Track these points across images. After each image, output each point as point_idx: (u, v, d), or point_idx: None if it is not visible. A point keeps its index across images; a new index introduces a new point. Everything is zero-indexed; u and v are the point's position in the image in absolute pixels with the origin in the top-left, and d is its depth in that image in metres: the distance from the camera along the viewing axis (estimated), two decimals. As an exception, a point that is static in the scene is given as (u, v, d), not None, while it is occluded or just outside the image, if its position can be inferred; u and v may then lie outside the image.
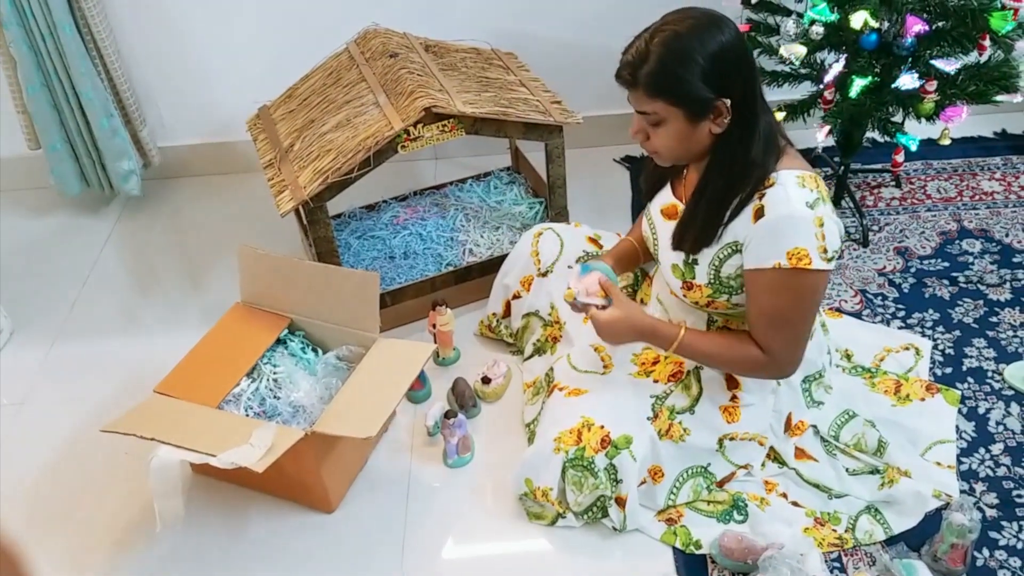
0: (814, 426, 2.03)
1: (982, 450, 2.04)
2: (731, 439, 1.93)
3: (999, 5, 2.25)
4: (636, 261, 2.09)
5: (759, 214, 1.67)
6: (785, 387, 1.96)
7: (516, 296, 2.28)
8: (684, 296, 1.87)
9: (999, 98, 2.37)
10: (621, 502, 1.87)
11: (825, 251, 1.66)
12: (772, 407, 1.96)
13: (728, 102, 1.62)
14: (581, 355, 2.08)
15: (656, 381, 1.96)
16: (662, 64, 1.60)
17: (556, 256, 2.22)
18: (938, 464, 2.00)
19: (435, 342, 2.32)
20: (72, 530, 2.03)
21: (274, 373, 2.14)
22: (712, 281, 1.79)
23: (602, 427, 1.85)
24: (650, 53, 1.61)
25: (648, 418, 1.89)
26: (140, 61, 2.90)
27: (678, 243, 1.80)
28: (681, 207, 1.83)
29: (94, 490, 2.11)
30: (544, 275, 2.22)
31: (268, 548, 1.96)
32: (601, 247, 2.24)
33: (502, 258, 2.34)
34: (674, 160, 1.77)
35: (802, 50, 2.35)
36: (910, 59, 2.33)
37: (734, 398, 1.92)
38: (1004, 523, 1.88)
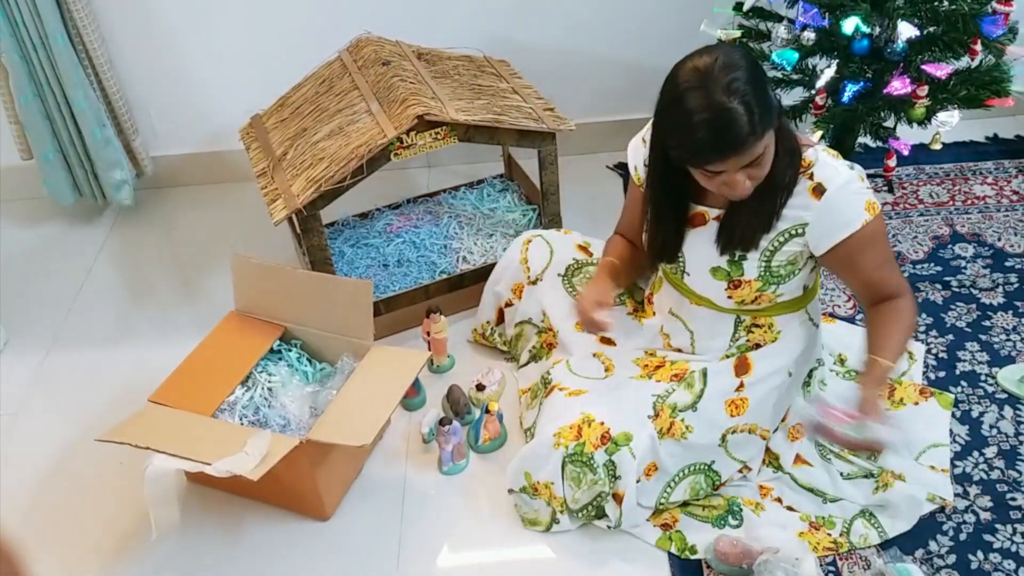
0: (809, 429, 2.03)
1: (976, 453, 2.04)
2: (733, 432, 1.93)
3: (990, 10, 2.26)
4: (621, 281, 2.07)
5: (819, 190, 1.73)
6: (791, 377, 1.97)
7: (508, 304, 2.28)
8: (729, 296, 1.87)
9: (990, 103, 2.38)
10: (618, 498, 1.87)
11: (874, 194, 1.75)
12: (777, 397, 1.96)
13: None
14: (581, 362, 2.08)
15: (658, 382, 1.96)
16: (758, 101, 1.56)
17: (546, 264, 2.22)
18: (932, 468, 2.00)
19: (429, 349, 2.32)
20: (67, 539, 2.02)
21: (269, 382, 2.14)
22: (763, 273, 1.81)
23: (602, 423, 1.85)
24: (743, 104, 1.54)
25: (649, 416, 1.89)
26: (132, 71, 2.90)
27: (727, 245, 1.81)
28: (710, 212, 1.84)
29: (90, 499, 2.11)
30: (534, 283, 2.23)
31: (263, 556, 1.96)
32: (591, 255, 2.23)
33: (495, 265, 2.34)
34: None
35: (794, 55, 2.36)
36: (901, 64, 2.34)
37: (740, 386, 1.93)
38: (998, 526, 1.89)
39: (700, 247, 1.86)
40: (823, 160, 1.74)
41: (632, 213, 2.02)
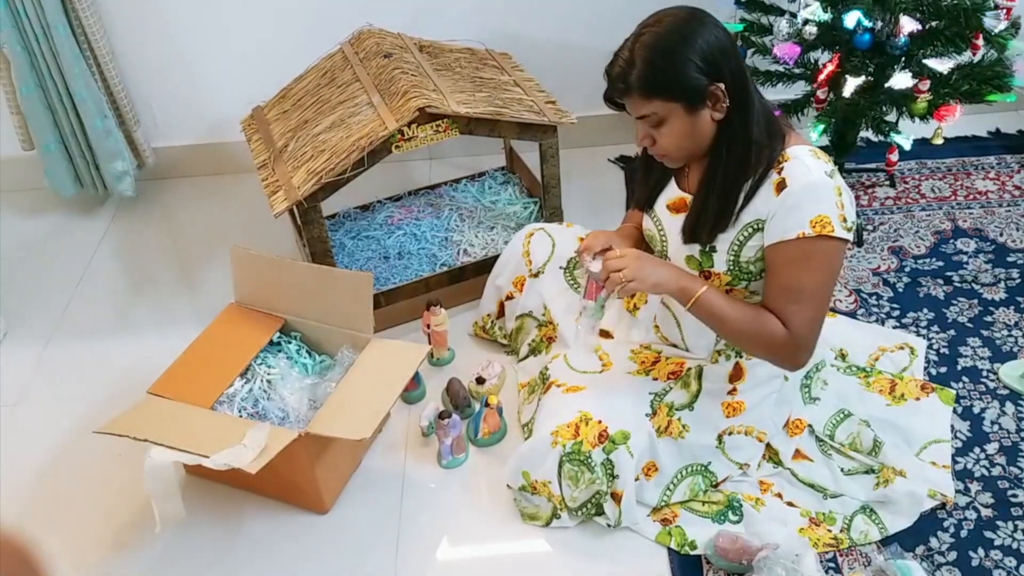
0: (810, 426, 2.03)
1: (977, 449, 2.04)
2: (730, 434, 1.93)
3: (992, 4, 2.25)
4: (639, 246, 2.04)
5: (781, 186, 1.68)
6: (788, 382, 1.96)
7: (509, 297, 2.28)
8: None
9: (992, 97, 2.37)
10: (617, 497, 1.86)
11: (845, 220, 1.67)
12: (775, 401, 1.96)
13: (722, 86, 1.64)
14: (578, 356, 2.08)
15: (655, 379, 1.96)
16: (650, 64, 1.63)
17: (548, 257, 2.21)
18: (933, 464, 2.00)
19: (429, 342, 2.31)
20: (67, 532, 2.02)
21: (268, 374, 2.13)
22: (732, 267, 1.78)
23: (600, 422, 1.84)
24: (635, 58, 1.64)
25: (647, 415, 1.89)
26: (134, 62, 2.89)
27: (691, 236, 1.79)
28: (689, 199, 1.82)
29: (88, 492, 2.10)
30: (536, 276, 2.22)
31: (262, 549, 1.96)
32: None
33: (496, 258, 2.33)
34: (685, 158, 1.77)
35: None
36: (903, 58, 2.33)
37: (733, 391, 1.92)
38: (999, 523, 1.89)
39: (678, 234, 1.84)
40: (799, 157, 1.69)
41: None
